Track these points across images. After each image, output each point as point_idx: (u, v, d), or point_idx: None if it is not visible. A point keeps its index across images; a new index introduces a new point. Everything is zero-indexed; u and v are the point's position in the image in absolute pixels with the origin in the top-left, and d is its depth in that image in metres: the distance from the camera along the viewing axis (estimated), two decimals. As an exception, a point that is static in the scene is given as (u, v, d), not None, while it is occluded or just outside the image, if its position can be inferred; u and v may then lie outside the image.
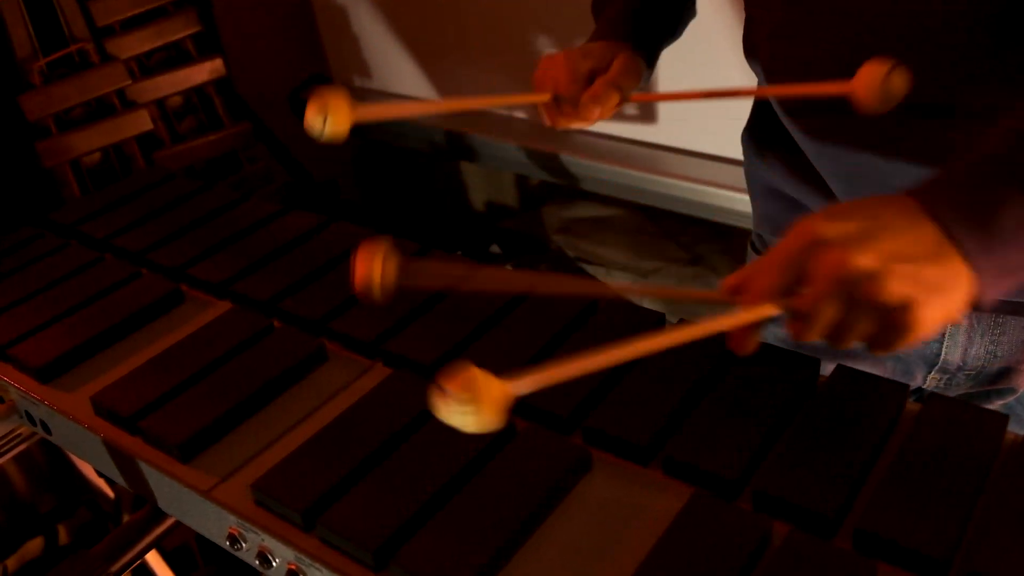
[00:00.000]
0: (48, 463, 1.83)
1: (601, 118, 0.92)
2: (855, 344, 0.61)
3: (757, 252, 1.03)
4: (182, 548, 1.74)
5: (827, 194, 0.85)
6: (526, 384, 0.59)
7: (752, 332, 0.67)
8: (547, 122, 0.96)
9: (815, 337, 0.61)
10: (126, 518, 1.93)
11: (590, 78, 0.93)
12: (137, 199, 1.20)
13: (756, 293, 0.63)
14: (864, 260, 0.57)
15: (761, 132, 0.94)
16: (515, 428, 0.73)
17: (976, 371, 0.90)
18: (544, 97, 0.94)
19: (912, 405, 0.73)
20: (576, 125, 0.95)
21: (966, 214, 0.58)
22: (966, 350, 0.88)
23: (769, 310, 0.63)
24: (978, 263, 0.58)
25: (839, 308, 0.59)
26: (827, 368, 0.76)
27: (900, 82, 0.70)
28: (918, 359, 0.91)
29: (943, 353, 0.89)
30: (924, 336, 0.59)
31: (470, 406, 0.55)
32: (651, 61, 0.99)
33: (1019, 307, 0.85)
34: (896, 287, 0.57)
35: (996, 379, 0.91)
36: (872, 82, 0.70)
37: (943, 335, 0.89)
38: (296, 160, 2.39)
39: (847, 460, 0.66)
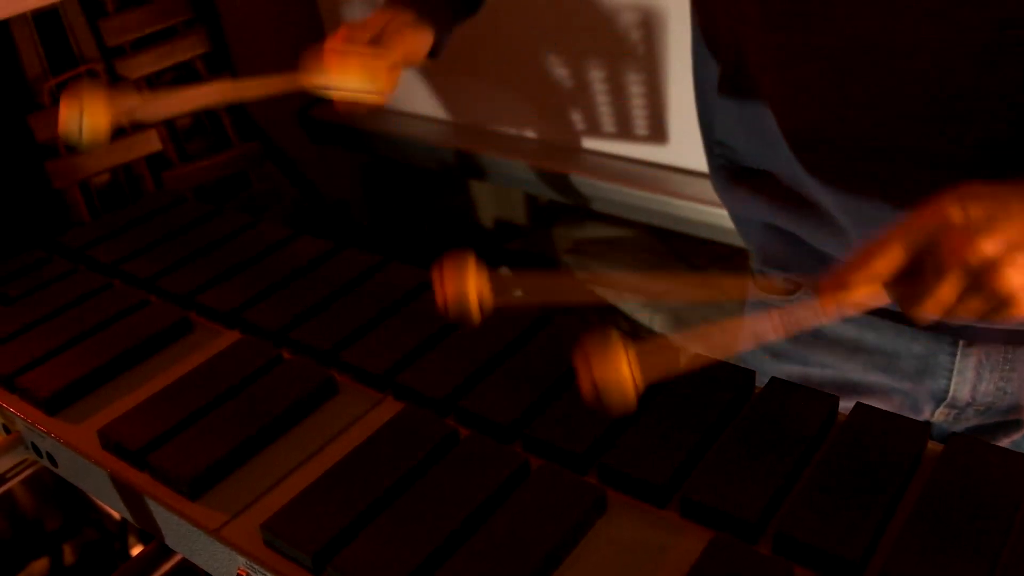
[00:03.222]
0: (54, 480, 1.82)
1: (379, 89, 0.94)
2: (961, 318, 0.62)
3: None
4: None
5: (827, 222, 0.84)
6: None
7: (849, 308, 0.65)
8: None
9: (928, 315, 0.62)
10: (132, 539, 1.92)
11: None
12: (146, 223, 1.20)
13: (873, 272, 0.62)
14: (988, 247, 0.58)
15: (735, 173, 0.92)
16: (529, 466, 0.72)
17: (986, 407, 0.88)
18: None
19: (933, 444, 0.71)
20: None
21: None
22: (975, 386, 0.87)
23: (879, 299, 0.62)
24: None
25: (957, 289, 0.60)
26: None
27: None
28: (926, 395, 0.90)
29: (952, 390, 0.88)
30: None
31: None
32: (442, 32, 1.02)
33: None
34: (1013, 277, 0.58)
35: (1005, 414, 0.90)
36: None
37: (951, 372, 0.87)
38: (306, 179, 2.39)
39: (870, 502, 0.64)
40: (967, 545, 0.60)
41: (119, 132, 1.94)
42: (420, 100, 2.32)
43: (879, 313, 0.88)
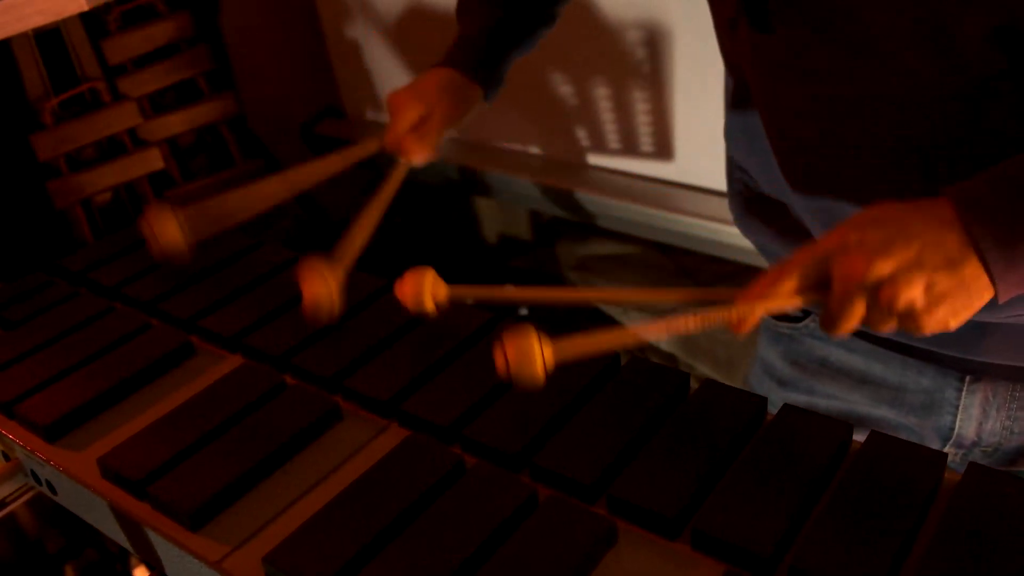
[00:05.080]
0: (55, 502, 1.81)
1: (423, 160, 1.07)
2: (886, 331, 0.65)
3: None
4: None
5: None
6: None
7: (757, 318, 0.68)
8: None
9: (846, 331, 0.65)
10: (133, 561, 1.90)
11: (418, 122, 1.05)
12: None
13: (778, 290, 0.66)
14: (881, 268, 0.61)
15: (749, 200, 0.92)
16: (537, 496, 0.71)
17: (993, 447, 0.87)
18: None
19: (950, 474, 0.70)
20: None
21: (993, 225, 0.61)
22: (980, 424, 0.85)
23: (787, 304, 0.67)
24: (999, 273, 0.61)
25: (861, 307, 0.63)
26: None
27: None
28: (932, 432, 0.88)
29: (957, 427, 0.86)
30: (941, 330, 0.64)
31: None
32: (494, 81, 1.10)
33: None
34: (905, 294, 0.61)
35: (1015, 458, 0.88)
36: None
37: (957, 408, 0.86)
38: (309, 196, 2.38)
39: (887, 535, 0.63)
40: (987, 579, 0.59)
41: (121, 150, 1.94)
42: (423, 117, 2.31)
43: (887, 344, 0.87)
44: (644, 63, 1.81)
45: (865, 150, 0.72)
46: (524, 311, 2.38)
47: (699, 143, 1.83)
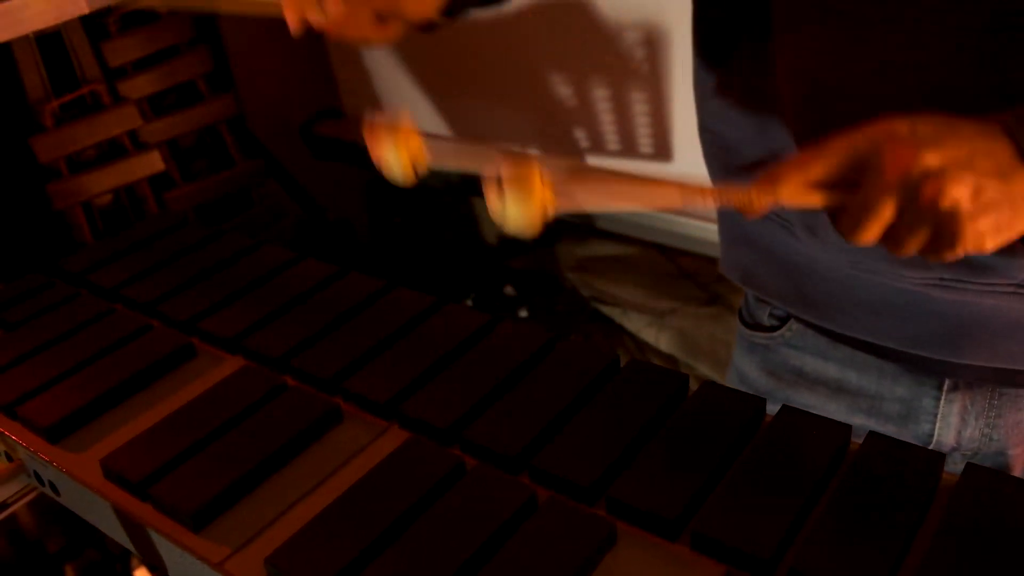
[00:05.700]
0: (57, 503, 1.81)
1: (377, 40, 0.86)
2: (911, 251, 0.60)
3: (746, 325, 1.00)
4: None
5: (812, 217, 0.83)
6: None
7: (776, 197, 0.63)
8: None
9: (868, 236, 0.60)
10: (134, 561, 1.91)
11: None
12: (148, 246, 1.19)
13: (807, 171, 0.60)
14: (931, 159, 0.56)
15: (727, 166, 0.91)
16: (537, 498, 0.71)
17: (972, 453, 0.87)
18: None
19: (948, 475, 0.70)
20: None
21: None
22: (960, 432, 0.85)
23: (818, 179, 0.61)
24: None
25: (897, 206, 0.58)
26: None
27: None
28: (911, 438, 0.88)
29: (936, 434, 0.86)
30: (975, 250, 0.58)
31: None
32: None
33: (1012, 376, 0.82)
34: (953, 192, 0.56)
35: (994, 461, 0.88)
36: None
37: (935, 416, 0.86)
38: (309, 196, 2.38)
39: (886, 536, 0.63)
40: (985, 580, 0.59)
41: (121, 152, 1.94)
42: (424, 117, 2.32)
43: (863, 347, 0.87)
44: (643, 63, 1.82)
45: (883, 93, 0.70)
46: (524, 313, 2.38)
47: (698, 143, 1.83)
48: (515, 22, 1.95)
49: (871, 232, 0.60)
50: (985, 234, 0.58)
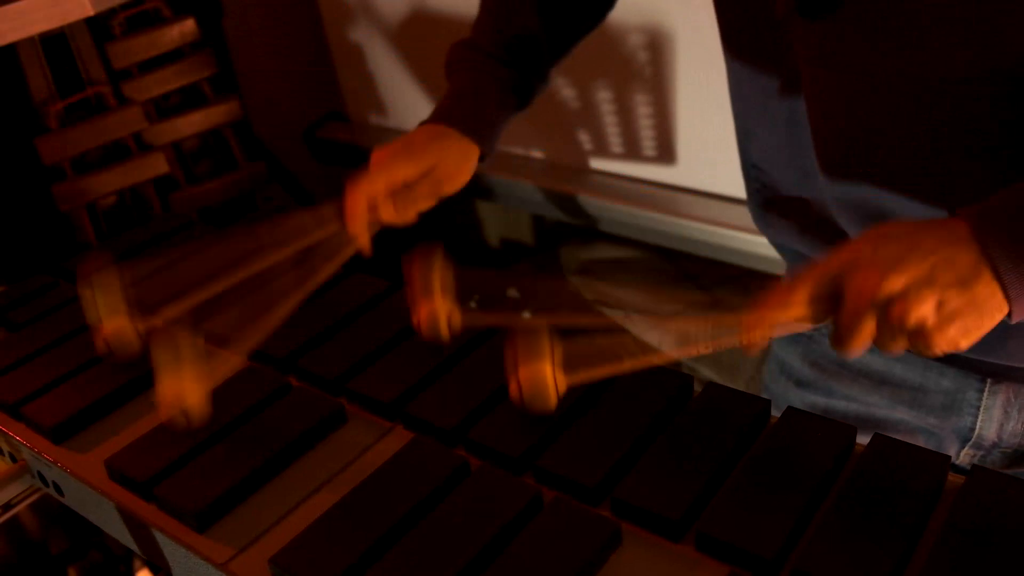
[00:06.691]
0: (60, 504, 1.81)
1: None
2: (897, 352, 0.65)
3: None
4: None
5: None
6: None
7: (768, 333, 0.68)
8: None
9: (856, 350, 0.64)
10: (137, 563, 1.90)
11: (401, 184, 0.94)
12: (153, 247, 1.19)
13: (789, 305, 0.65)
14: (894, 283, 0.61)
15: (768, 200, 0.92)
16: (542, 499, 0.71)
17: (1013, 448, 0.87)
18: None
19: (954, 477, 0.70)
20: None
21: (1010, 242, 0.60)
22: (1002, 426, 0.85)
23: (799, 316, 0.66)
24: (1015, 292, 0.61)
25: (872, 324, 0.63)
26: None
27: None
28: (952, 433, 0.88)
29: (977, 428, 0.86)
30: (951, 350, 0.63)
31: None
32: (490, 141, 1.02)
33: None
34: (917, 312, 0.60)
35: None
36: None
37: (978, 409, 0.86)
38: (312, 199, 2.39)
39: (890, 538, 0.63)
40: (990, 582, 0.59)
41: (125, 154, 1.95)
42: (427, 121, 2.32)
43: None
44: (646, 67, 1.82)
45: (905, 137, 0.72)
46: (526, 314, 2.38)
47: (702, 147, 1.83)
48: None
49: (857, 347, 0.64)
50: (956, 338, 0.62)
